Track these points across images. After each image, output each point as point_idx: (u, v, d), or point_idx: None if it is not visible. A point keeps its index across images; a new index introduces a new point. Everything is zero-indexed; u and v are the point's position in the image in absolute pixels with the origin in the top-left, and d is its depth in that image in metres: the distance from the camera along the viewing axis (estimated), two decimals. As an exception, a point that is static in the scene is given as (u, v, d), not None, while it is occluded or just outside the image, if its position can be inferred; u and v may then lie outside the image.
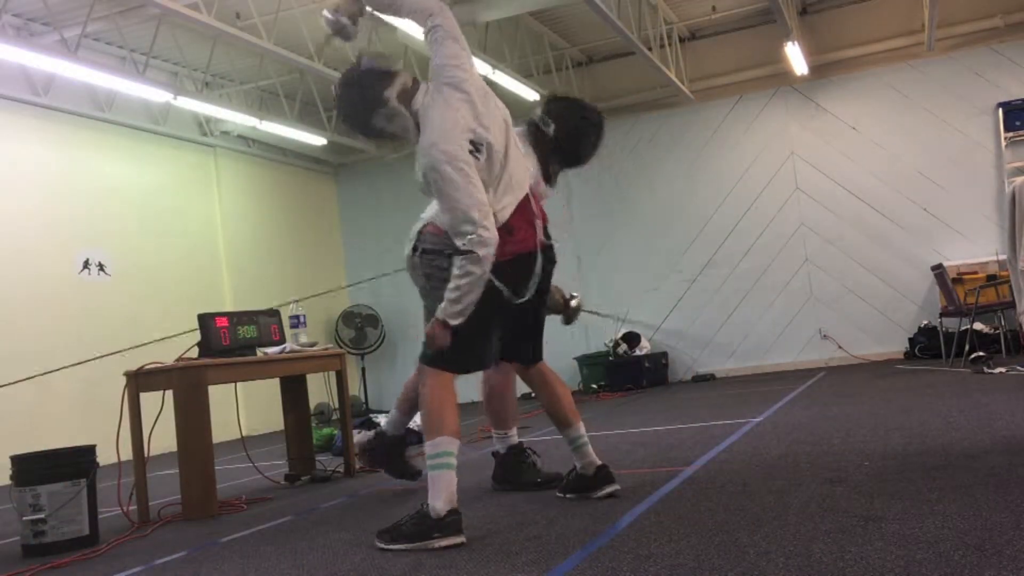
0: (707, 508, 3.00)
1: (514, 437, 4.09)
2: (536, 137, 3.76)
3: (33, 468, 3.91)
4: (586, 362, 10.99)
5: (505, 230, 3.09)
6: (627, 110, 11.72)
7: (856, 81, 10.78)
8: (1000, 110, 10.07)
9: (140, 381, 4.49)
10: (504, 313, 3.21)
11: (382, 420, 6.92)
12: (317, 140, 11.41)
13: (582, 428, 3.53)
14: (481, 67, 9.38)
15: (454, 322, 3.01)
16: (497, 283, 3.10)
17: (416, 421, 7.00)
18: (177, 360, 4.55)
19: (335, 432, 6.82)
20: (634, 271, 11.46)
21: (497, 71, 9.57)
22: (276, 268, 11.70)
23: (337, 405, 6.05)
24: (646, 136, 11.70)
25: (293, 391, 5.53)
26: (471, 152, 3.03)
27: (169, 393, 4.45)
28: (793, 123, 11.05)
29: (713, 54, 11.41)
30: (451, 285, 3.00)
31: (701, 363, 11.24)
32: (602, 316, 10.72)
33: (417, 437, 6.80)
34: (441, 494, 2.95)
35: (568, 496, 3.54)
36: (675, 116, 11.55)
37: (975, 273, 9.56)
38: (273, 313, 5.20)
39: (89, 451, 4.06)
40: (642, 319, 11.39)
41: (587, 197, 11.62)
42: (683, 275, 11.35)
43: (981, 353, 7.39)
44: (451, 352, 3.07)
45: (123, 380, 4.49)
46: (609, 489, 3.42)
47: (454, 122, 3.07)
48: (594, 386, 10.63)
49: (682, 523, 2.81)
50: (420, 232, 3.63)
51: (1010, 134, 10.04)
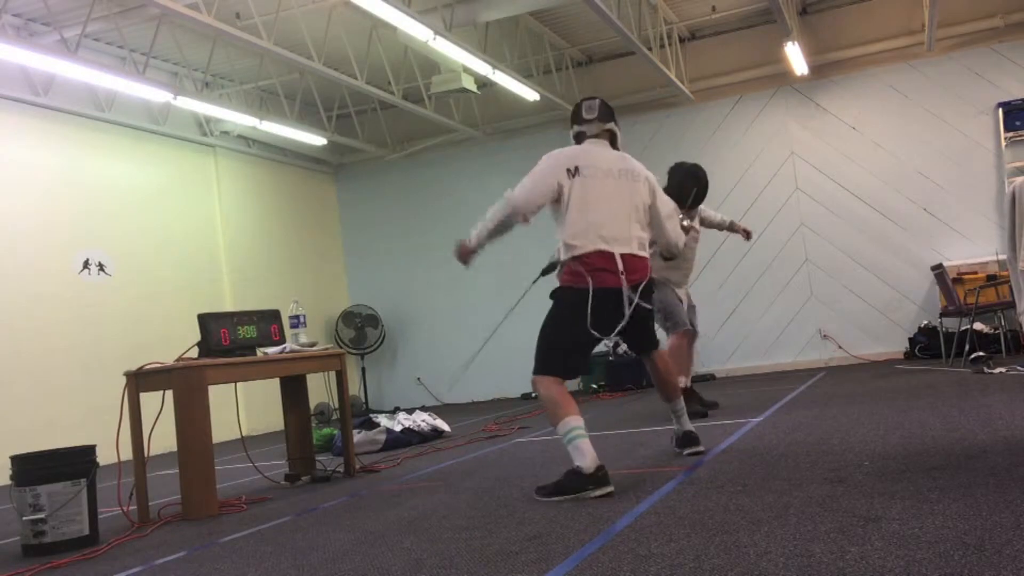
0: (707, 508, 3.00)
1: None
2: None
3: (33, 468, 3.92)
4: (586, 362, 10.98)
5: (583, 264, 3.86)
6: (627, 110, 11.70)
7: (856, 81, 10.78)
8: (1000, 110, 10.07)
9: (140, 381, 4.49)
10: (590, 338, 3.97)
11: (382, 420, 6.95)
12: (317, 140, 11.41)
13: (681, 402, 4.41)
14: (481, 67, 9.39)
15: (471, 244, 4.07)
16: (585, 309, 3.86)
17: (414, 421, 7.04)
18: (177, 360, 4.56)
19: (335, 432, 6.82)
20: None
21: (497, 71, 9.57)
22: (276, 268, 11.70)
23: (337, 405, 6.05)
24: (646, 136, 11.69)
25: (293, 391, 5.53)
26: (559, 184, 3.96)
27: (169, 393, 4.45)
28: (793, 123, 11.05)
29: (713, 54, 11.41)
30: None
31: (701, 363, 11.23)
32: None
33: (419, 437, 6.83)
34: (585, 456, 3.56)
35: (678, 450, 4.41)
36: (675, 116, 11.55)
37: (975, 273, 9.57)
38: (273, 313, 5.20)
39: (89, 451, 4.07)
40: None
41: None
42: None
43: (981, 353, 7.39)
44: (549, 363, 3.90)
45: (123, 380, 4.50)
46: (692, 449, 4.31)
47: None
48: (594, 386, 10.63)
49: (682, 523, 2.81)
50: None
51: (1010, 134, 10.04)
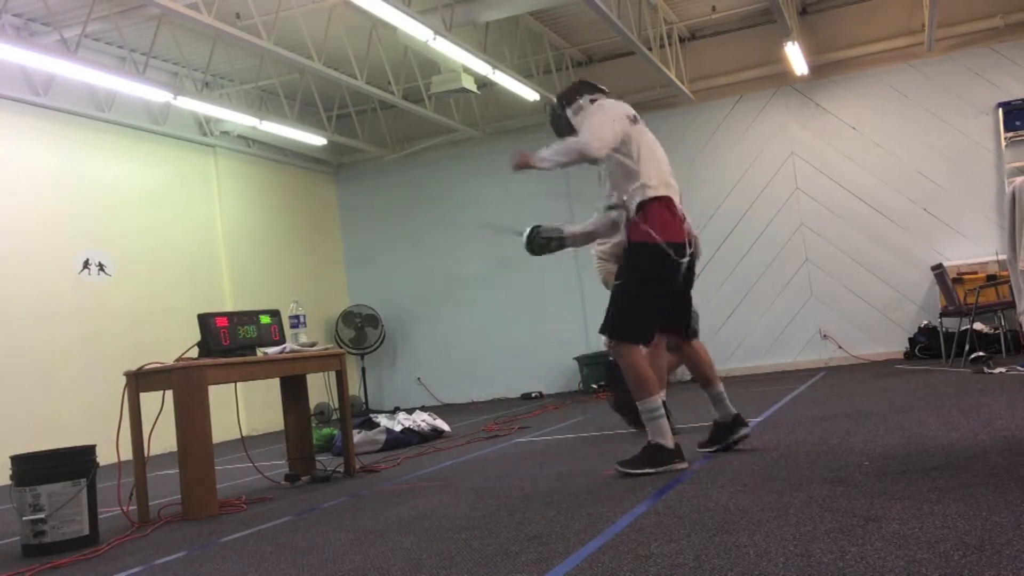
0: (707, 508, 3.00)
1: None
2: None
3: (33, 468, 3.91)
4: (586, 362, 10.99)
5: (656, 213, 4.06)
6: (627, 110, 11.71)
7: (856, 81, 10.78)
8: (1000, 110, 10.07)
9: (140, 381, 4.49)
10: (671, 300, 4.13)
11: (382, 419, 6.95)
12: (317, 140, 11.41)
13: (721, 386, 4.36)
14: (481, 67, 9.39)
15: (535, 163, 3.91)
16: (666, 265, 4.01)
17: (414, 421, 7.03)
18: (177, 360, 4.56)
19: (335, 432, 6.82)
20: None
21: (497, 71, 9.57)
22: (276, 268, 11.70)
23: (337, 405, 6.05)
24: (646, 136, 11.68)
25: (293, 391, 5.53)
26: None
27: (169, 393, 4.45)
28: (793, 123, 11.05)
29: (713, 54, 11.41)
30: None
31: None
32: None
33: (419, 437, 6.83)
34: (665, 434, 3.92)
35: (707, 449, 4.33)
36: (675, 116, 11.54)
37: (975, 273, 9.56)
38: (273, 313, 5.20)
39: (89, 451, 4.06)
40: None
41: (587, 197, 11.59)
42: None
43: (981, 353, 7.39)
44: (636, 328, 4.05)
45: (123, 380, 4.50)
46: (742, 432, 4.26)
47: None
48: (594, 386, 10.63)
49: (682, 523, 2.81)
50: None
51: (1010, 134, 10.04)
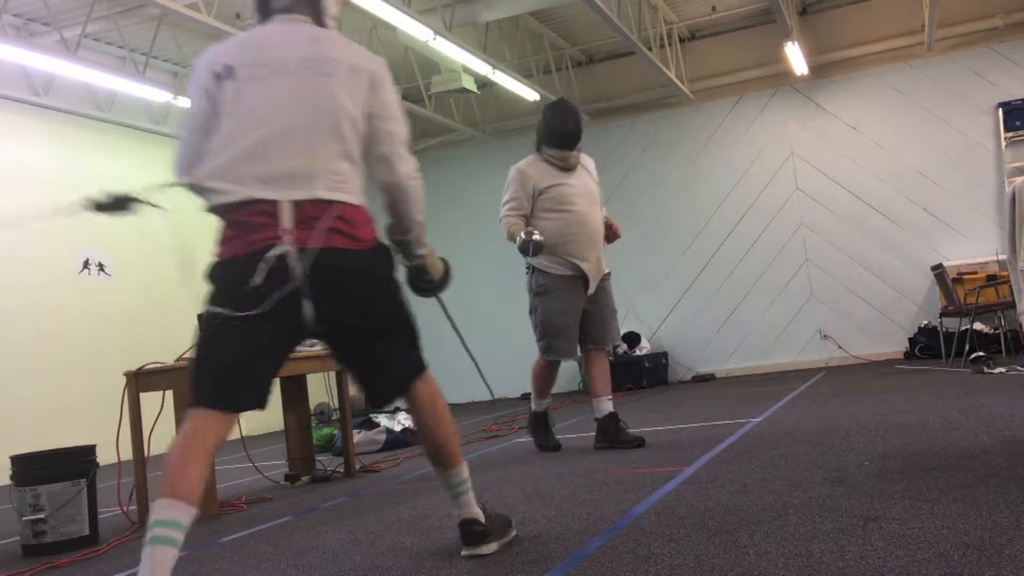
0: (707, 508, 3.00)
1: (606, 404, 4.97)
2: None
3: (33, 468, 3.91)
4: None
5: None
6: (627, 110, 11.72)
7: (856, 81, 10.78)
8: (1000, 110, 10.07)
9: (140, 381, 4.49)
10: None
11: (382, 419, 6.94)
12: (317, 140, 11.40)
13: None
14: (481, 67, 9.39)
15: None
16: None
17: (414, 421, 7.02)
18: (177, 360, 4.55)
19: (335, 432, 6.82)
20: (634, 271, 11.46)
21: (497, 71, 9.57)
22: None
23: (337, 405, 6.04)
24: (646, 136, 11.70)
25: (293, 391, 5.53)
26: None
27: (169, 393, 4.45)
28: (793, 123, 11.05)
29: (713, 54, 11.41)
30: None
31: (701, 363, 11.24)
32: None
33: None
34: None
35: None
36: (675, 116, 11.55)
37: (975, 273, 9.56)
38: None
39: (89, 451, 4.06)
40: (642, 319, 11.40)
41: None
42: (683, 275, 11.37)
43: (981, 353, 7.40)
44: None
45: (123, 380, 4.50)
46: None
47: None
48: (594, 386, 10.62)
49: (682, 523, 2.81)
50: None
51: (1010, 134, 10.04)
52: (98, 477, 4.05)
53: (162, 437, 4.48)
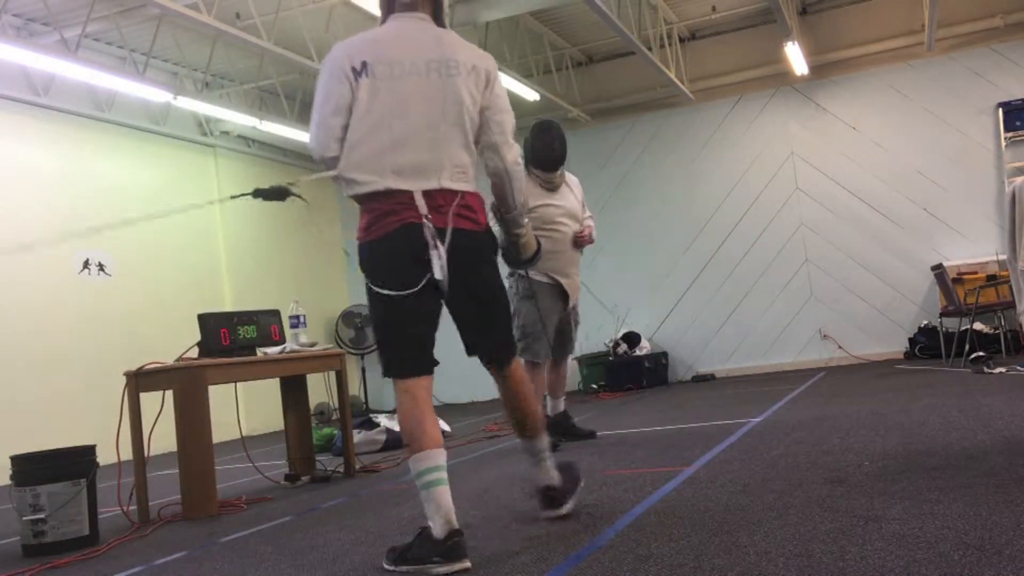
0: (707, 508, 3.00)
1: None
2: None
3: (33, 468, 3.91)
4: (586, 362, 10.99)
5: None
6: (627, 110, 11.72)
7: (856, 81, 10.78)
8: (1000, 110, 10.07)
9: (140, 381, 4.49)
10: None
11: (382, 419, 6.94)
12: (317, 140, 11.40)
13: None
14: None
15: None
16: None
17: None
18: (177, 360, 4.56)
19: (335, 432, 6.81)
20: (634, 271, 11.47)
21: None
22: (276, 268, 11.70)
23: (337, 405, 6.05)
24: (646, 136, 11.70)
25: (293, 391, 5.53)
26: None
27: (169, 393, 4.45)
28: (793, 123, 11.05)
29: (713, 54, 11.41)
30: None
31: (701, 363, 11.24)
32: None
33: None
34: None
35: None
36: (675, 116, 11.55)
37: (975, 273, 9.56)
38: (273, 313, 5.20)
39: (89, 451, 4.06)
40: (642, 319, 11.40)
41: (586, 197, 11.59)
42: (683, 275, 11.37)
43: (981, 353, 7.39)
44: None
45: (123, 380, 4.50)
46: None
47: None
48: (594, 386, 10.64)
49: (682, 523, 2.81)
50: None
51: (1010, 134, 10.04)
52: (98, 477, 4.05)
53: (162, 437, 4.50)
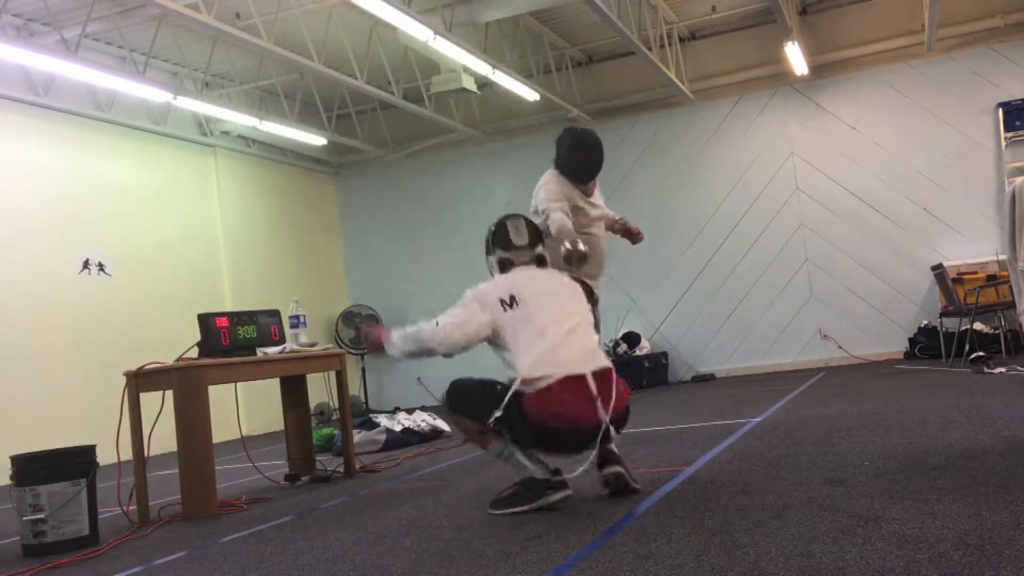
0: (707, 508, 3.00)
1: None
2: None
3: (33, 468, 3.91)
4: (586, 362, 10.98)
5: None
6: (627, 110, 11.72)
7: (856, 81, 10.78)
8: (1000, 110, 10.07)
9: (140, 381, 4.49)
10: None
11: (382, 419, 6.95)
12: (317, 140, 11.41)
13: None
14: (481, 67, 9.39)
15: (390, 350, 3.91)
16: None
17: (414, 421, 7.03)
18: (177, 360, 4.56)
19: (335, 432, 6.82)
20: (634, 271, 11.46)
21: (497, 71, 9.57)
22: (276, 268, 11.70)
23: (337, 405, 6.05)
24: (646, 136, 11.70)
25: (293, 391, 5.53)
26: None
27: (169, 393, 4.45)
28: (793, 123, 11.05)
29: (713, 54, 11.41)
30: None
31: (701, 363, 11.24)
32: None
33: (419, 437, 6.83)
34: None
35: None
36: (675, 116, 11.55)
37: (975, 273, 9.56)
38: (273, 313, 5.20)
39: (89, 451, 4.06)
40: (642, 319, 11.40)
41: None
42: (683, 275, 11.36)
43: (981, 353, 7.39)
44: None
45: (123, 380, 4.50)
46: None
47: None
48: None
49: (682, 523, 2.81)
50: None
51: (1010, 134, 10.04)
52: (98, 477, 4.05)
53: (162, 437, 4.50)
